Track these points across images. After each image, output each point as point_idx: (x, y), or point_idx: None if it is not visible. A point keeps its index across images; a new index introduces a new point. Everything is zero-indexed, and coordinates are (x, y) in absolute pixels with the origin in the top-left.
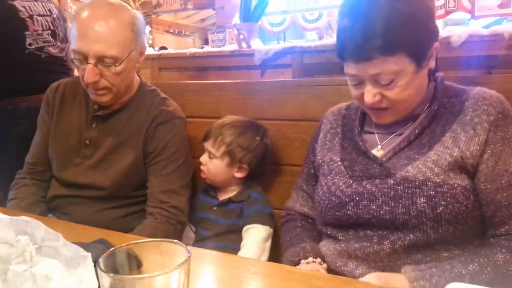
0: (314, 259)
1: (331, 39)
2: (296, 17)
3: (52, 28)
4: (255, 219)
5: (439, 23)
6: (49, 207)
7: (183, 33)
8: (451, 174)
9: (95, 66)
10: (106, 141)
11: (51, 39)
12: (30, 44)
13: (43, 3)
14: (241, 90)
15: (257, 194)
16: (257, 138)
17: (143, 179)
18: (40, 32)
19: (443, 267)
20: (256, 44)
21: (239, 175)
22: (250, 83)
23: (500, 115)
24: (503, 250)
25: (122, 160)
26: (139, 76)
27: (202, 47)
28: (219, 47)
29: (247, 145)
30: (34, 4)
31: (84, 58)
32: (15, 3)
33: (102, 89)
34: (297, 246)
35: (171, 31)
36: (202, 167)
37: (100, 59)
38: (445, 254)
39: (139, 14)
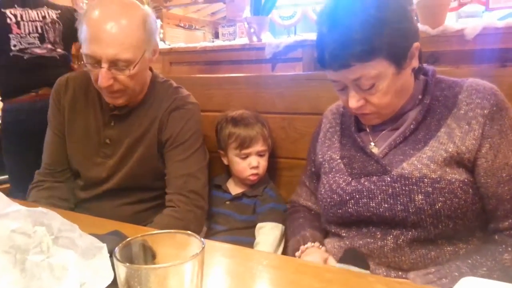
0: (313, 243)
1: None
2: (307, 10)
3: (40, 31)
4: (268, 217)
5: (452, 15)
6: (76, 206)
7: (194, 27)
8: (447, 169)
9: (108, 70)
10: (126, 139)
11: (37, 41)
12: (14, 45)
13: (38, 10)
14: (252, 84)
15: (270, 189)
16: (265, 125)
17: (159, 170)
18: (23, 35)
19: (452, 274)
20: (267, 38)
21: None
22: (261, 77)
23: (494, 108)
24: (509, 249)
25: (139, 151)
26: (151, 69)
27: (213, 41)
28: (230, 40)
29: (269, 128)
30: (27, 12)
31: (97, 62)
32: (7, 11)
33: (116, 92)
34: (297, 235)
35: (182, 25)
36: (255, 171)
37: (113, 63)
38: (449, 248)
39: (150, 11)
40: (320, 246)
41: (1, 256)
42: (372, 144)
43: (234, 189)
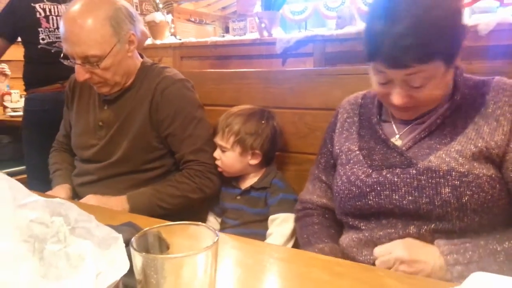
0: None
1: (353, 28)
2: (318, 5)
3: None
4: (280, 208)
5: (465, 11)
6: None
7: (204, 21)
8: (475, 164)
9: (82, 65)
10: (117, 120)
11: None
12: (43, 39)
13: (67, 5)
14: (263, 78)
15: (279, 180)
16: (263, 122)
17: (151, 149)
18: (52, 29)
19: (477, 243)
20: (278, 33)
21: (254, 161)
22: (272, 72)
23: None
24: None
25: (131, 131)
26: (141, 55)
27: (223, 36)
28: (240, 35)
29: (254, 130)
30: (56, 6)
31: (72, 58)
32: (36, 5)
33: (97, 83)
34: (315, 247)
35: (192, 19)
36: (216, 162)
37: (85, 59)
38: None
39: (118, 3)
40: None
41: (21, 245)
42: (397, 136)
43: (243, 183)
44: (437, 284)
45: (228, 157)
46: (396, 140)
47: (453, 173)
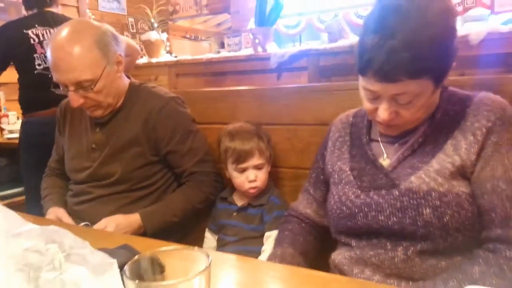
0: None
1: (346, 41)
2: (311, 19)
3: None
4: (274, 225)
5: (457, 20)
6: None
7: (200, 38)
8: (454, 182)
9: (76, 92)
10: (110, 142)
11: None
12: (39, 65)
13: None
14: (257, 96)
15: (276, 197)
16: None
17: (146, 167)
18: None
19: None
20: (272, 48)
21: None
22: (266, 90)
23: (499, 121)
24: (480, 261)
25: (125, 152)
26: (128, 77)
27: (219, 52)
28: (235, 51)
29: (268, 140)
30: (48, 31)
31: (65, 86)
32: (29, 31)
33: (91, 107)
34: (272, 251)
35: (188, 36)
36: (253, 184)
37: (78, 85)
38: (458, 258)
39: (103, 27)
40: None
41: (16, 274)
42: (385, 155)
43: (240, 200)
44: None
45: (264, 173)
46: (384, 160)
47: (433, 193)
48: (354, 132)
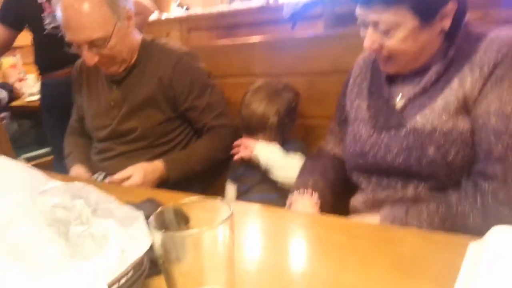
0: (306, 190)
1: None
2: None
3: None
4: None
5: None
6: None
7: None
8: (459, 118)
9: (90, 50)
10: (127, 100)
11: None
12: (49, 23)
13: None
14: (271, 47)
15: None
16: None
17: (166, 121)
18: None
19: (412, 208)
20: None
21: None
22: (280, 40)
23: (506, 57)
24: (462, 192)
25: (143, 108)
26: (140, 33)
27: (230, 2)
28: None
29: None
30: None
31: (78, 46)
32: None
33: (106, 64)
34: (300, 178)
35: None
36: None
37: (91, 43)
38: None
39: None
40: (312, 194)
41: (47, 229)
42: (400, 94)
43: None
44: (458, 238)
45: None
46: (400, 99)
47: (437, 132)
48: (376, 69)
